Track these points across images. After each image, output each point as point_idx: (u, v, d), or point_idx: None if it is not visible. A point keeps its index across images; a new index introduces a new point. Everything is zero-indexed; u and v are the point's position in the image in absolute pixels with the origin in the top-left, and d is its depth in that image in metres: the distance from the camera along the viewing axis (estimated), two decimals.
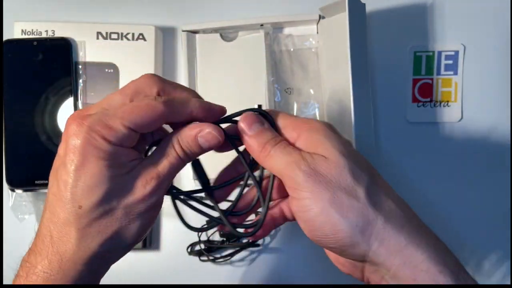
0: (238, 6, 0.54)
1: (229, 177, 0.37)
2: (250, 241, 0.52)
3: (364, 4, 0.48)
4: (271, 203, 0.38)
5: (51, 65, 0.51)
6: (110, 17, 0.54)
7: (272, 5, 0.54)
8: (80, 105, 0.51)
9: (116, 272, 0.54)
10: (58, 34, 0.51)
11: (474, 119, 0.53)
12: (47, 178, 0.49)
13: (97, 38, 0.51)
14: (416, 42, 0.54)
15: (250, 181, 0.36)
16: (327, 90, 0.51)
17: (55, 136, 0.51)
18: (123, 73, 0.51)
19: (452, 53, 0.54)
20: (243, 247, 0.53)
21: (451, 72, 0.54)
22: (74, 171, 0.29)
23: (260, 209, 0.36)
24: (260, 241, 0.53)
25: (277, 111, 0.36)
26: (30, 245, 0.32)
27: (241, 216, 0.37)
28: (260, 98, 0.51)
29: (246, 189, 0.38)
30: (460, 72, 0.53)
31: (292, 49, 0.53)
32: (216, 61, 0.52)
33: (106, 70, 0.51)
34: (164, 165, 0.32)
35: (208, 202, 0.37)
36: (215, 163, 0.37)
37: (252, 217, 0.40)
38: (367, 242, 0.30)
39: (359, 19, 0.47)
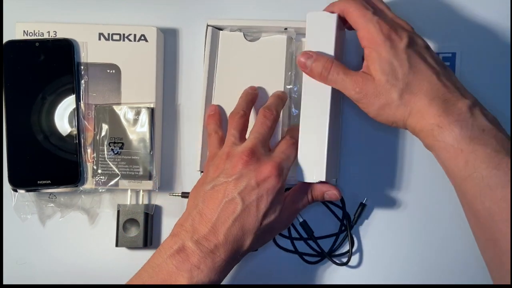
0: (240, 7, 0.55)
1: None
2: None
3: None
4: None
5: (53, 66, 0.51)
6: (112, 18, 0.54)
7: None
8: (82, 106, 0.51)
9: (116, 271, 0.54)
10: (60, 35, 0.51)
11: None
12: (49, 178, 0.50)
13: (99, 39, 0.52)
14: None
15: None
16: None
17: (56, 137, 0.51)
18: (125, 73, 0.52)
19: (449, 55, 0.54)
20: None
21: None
22: (270, 204, 0.43)
23: None
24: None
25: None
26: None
27: None
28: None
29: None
30: (457, 74, 0.54)
31: None
32: (236, 59, 0.52)
33: (108, 70, 0.52)
34: (302, 205, 0.47)
35: None
36: None
37: None
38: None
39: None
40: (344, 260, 0.53)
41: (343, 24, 0.47)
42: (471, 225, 0.41)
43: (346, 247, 0.54)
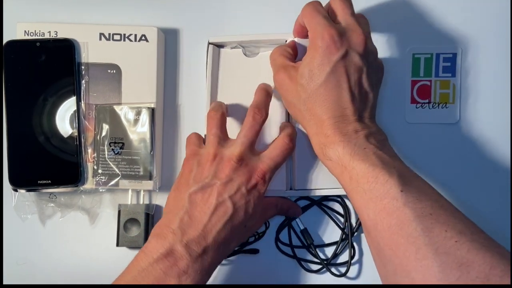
0: (240, 7, 0.55)
1: None
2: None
3: None
4: None
5: (53, 66, 0.51)
6: (113, 18, 0.54)
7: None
8: (82, 106, 0.51)
9: (117, 271, 0.54)
10: (61, 35, 0.51)
11: (471, 120, 0.54)
12: (49, 178, 0.50)
13: (100, 39, 0.52)
14: (414, 44, 0.54)
15: None
16: None
17: (57, 136, 0.51)
18: (126, 74, 0.52)
19: (450, 55, 0.54)
20: (241, 251, 0.53)
21: (449, 74, 0.54)
22: (254, 208, 0.45)
23: None
24: (258, 247, 0.54)
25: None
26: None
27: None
28: (278, 115, 0.52)
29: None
30: (458, 74, 0.54)
31: None
32: (238, 76, 0.53)
33: (109, 71, 0.52)
34: (269, 215, 0.50)
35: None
36: None
37: None
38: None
39: None
40: (343, 270, 0.53)
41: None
42: (364, 233, 0.43)
43: (346, 255, 0.54)
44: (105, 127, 0.51)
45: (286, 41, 0.51)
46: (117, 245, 0.52)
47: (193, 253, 0.41)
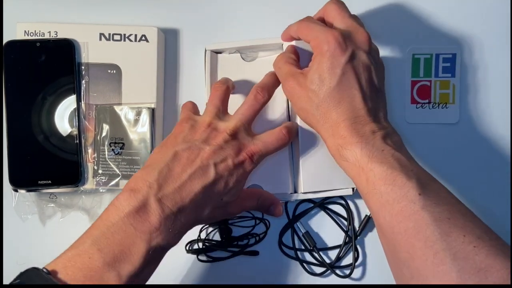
0: (241, 7, 0.55)
1: None
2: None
3: None
4: None
5: (54, 66, 0.51)
6: (113, 19, 0.54)
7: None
8: (82, 106, 0.51)
9: None
10: (61, 35, 0.51)
11: (471, 120, 0.54)
12: (49, 179, 0.50)
13: (100, 39, 0.52)
14: (414, 45, 0.54)
15: None
16: None
17: (57, 137, 0.51)
18: (126, 74, 0.52)
19: (450, 55, 0.54)
20: (241, 253, 0.53)
21: (449, 75, 0.54)
22: (235, 183, 0.44)
23: None
24: (259, 249, 0.54)
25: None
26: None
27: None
28: (279, 118, 0.52)
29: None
30: (458, 75, 0.54)
31: None
32: (236, 80, 0.52)
33: (109, 71, 0.52)
34: (249, 205, 0.48)
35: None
36: None
37: None
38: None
39: None
40: (347, 272, 0.53)
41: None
42: (379, 236, 0.42)
43: (349, 258, 0.54)
44: (105, 127, 0.51)
45: (282, 44, 0.51)
46: None
47: (166, 209, 0.39)
